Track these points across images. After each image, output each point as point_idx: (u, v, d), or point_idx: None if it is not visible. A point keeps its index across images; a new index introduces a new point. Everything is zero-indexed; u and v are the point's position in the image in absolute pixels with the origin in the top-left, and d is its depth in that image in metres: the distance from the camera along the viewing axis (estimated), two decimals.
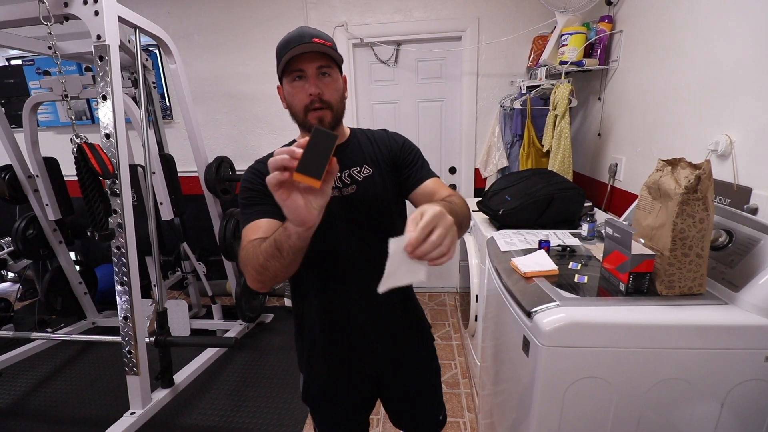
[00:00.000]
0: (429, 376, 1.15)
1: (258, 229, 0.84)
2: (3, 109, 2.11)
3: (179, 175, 2.35)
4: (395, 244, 0.61)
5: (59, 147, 2.65)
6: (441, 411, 1.18)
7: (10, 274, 3.55)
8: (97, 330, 2.65)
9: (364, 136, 1.01)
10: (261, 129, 2.91)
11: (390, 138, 1.03)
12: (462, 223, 0.84)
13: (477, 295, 1.75)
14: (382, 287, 0.61)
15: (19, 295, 3.22)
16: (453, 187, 2.91)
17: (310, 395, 1.08)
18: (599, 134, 2.08)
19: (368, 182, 0.95)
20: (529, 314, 0.97)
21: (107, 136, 1.51)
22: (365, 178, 0.95)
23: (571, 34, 1.97)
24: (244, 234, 0.87)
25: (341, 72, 0.92)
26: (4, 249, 2.91)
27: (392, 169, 0.99)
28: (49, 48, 1.45)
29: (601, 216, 1.75)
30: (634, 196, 1.68)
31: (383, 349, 1.01)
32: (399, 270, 0.62)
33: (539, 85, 2.16)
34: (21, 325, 2.77)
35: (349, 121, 0.98)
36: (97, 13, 1.45)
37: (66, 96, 1.49)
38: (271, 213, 0.86)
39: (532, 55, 2.42)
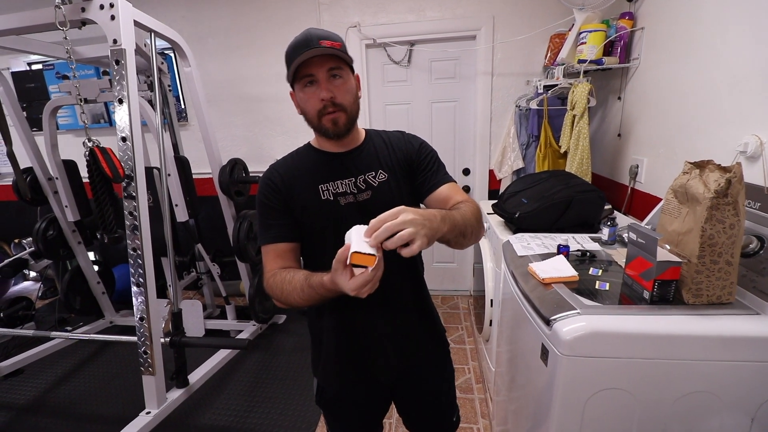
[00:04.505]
0: (443, 380, 1.13)
1: (277, 256, 0.91)
2: (24, 113, 2.15)
3: (194, 176, 2.37)
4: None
5: (78, 149, 2.70)
6: (454, 412, 1.18)
7: (32, 274, 3.66)
8: (115, 329, 2.70)
9: (380, 139, 0.99)
10: (274, 131, 2.92)
11: (406, 141, 1.00)
12: (465, 231, 0.83)
13: (492, 300, 1.72)
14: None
15: (40, 294, 3.30)
16: (467, 189, 2.87)
17: (324, 400, 1.07)
18: (619, 135, 2.03)
19: (384, 188, 0.93)
20: (548, 322, 0.94)
21: (123, 139, 1.52)
22: (381, 183, 0.93)
23: (590, 31, 1.92)
24: (265, 257, 0.93)
25: (353, 71, 0.90)
26: (26, 249, 2.99)
27: (408, 174, 0.97)
28: (67, 53, 1.47)
29: (621, 219, 1.69)
30: (657, 199, 1.63)
31: (399, 358, 1.00)
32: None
33: (556, 85, 2.11)
34: (42, 324, 2.84)
35: (361, 123, 0.97)
36: (113, 17, 1.47)
37: (82, 100, 1.51)
38: (286, 236, 0.92)
39: (548, 54, 2.37)
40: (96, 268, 2.60)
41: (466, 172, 2.87)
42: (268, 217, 0.92)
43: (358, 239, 0.67)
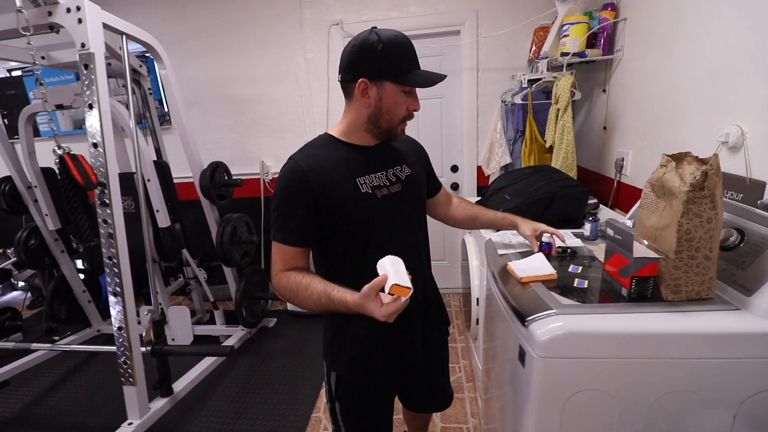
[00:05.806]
0: (444, 353, 1.24)
1: (291, 257, 0.92)
2: (5, 121, 2.10)
3: (181, 181, 2.33)
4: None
5: None
6: (449, 386, 1.30)
7: (20, 283, 3.61)
8: (102, 338, 2.66)
9: None
10: (258, 132, 2.87)
11: (413, 142, 1.13)
12: None
13: (477, 298, 1.70)
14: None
15: (27, 304, 3.26)
16: (455, 186, 2.85)
17: (346, 392, 1.06)
18: (605, 127, 2.00)
19: (410, 180, 1.01)
20: (524, 323, 0.91)
21: (95, 145, 1.49)
22: (407, 176, 1.00)
23: (572, 23, 1.89)
24: (277, 253, 0.92)
25: None
26: (10, 259, 2.95)
27: (423, 170, 1.10)
28: (42, 58, 1.43)
29: (606, 214, 1.67)
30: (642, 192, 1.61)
31: (422, 340, 1.07)
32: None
33: (540, 79, 2.08)
34: (29, 334, 2.80)
35: None
36: (80, 21, 1.43)
37: (53, 106, 1.47)
38: (304, 240, 0.92)
39: (533, 48, 2.34)
40: (81, 276, 2.56)
41: (455, 168, 2.84)
42: (290, 213, 0.90)
43: (395, 271, 0.75)
